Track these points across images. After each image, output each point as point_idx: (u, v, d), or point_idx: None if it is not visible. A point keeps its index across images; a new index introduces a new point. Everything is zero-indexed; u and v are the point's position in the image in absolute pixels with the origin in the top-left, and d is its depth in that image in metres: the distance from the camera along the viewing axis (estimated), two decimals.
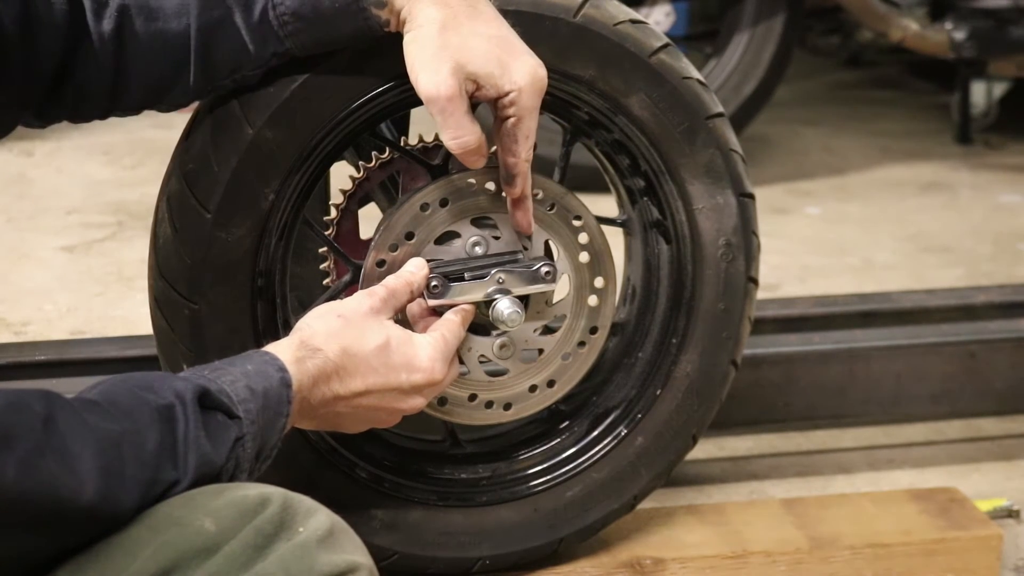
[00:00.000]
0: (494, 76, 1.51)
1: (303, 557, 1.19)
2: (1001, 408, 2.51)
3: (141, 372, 1.34)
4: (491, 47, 1.51)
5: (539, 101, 1.55)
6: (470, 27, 1.51)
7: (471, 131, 1.52)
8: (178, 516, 1.21)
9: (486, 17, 1.53)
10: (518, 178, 1.59)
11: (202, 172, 1.62)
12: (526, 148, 1.56)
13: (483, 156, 1.56)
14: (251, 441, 1.32)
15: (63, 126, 1.62)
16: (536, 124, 1.56)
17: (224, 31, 1.53)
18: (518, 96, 1.52)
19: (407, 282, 1.58)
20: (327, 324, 1.47)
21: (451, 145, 1.53)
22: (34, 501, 1.13)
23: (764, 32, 4.09)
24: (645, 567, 1.90)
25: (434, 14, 1.51)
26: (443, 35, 1.50)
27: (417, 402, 1.53)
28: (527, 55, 1.54)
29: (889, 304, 2.58)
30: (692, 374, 1.84)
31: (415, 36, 1.51)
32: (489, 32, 1.52)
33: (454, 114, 1.51)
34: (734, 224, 1.80)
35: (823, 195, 4.14)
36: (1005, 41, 4.19)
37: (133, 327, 2.89)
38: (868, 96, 5.39)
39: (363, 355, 1.47)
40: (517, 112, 1.53)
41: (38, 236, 3.66)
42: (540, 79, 1.54)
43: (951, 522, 2.01)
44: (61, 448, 1.15)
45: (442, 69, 1.49)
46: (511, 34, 1.55)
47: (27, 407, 1.15)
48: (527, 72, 1.52)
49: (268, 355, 1.40)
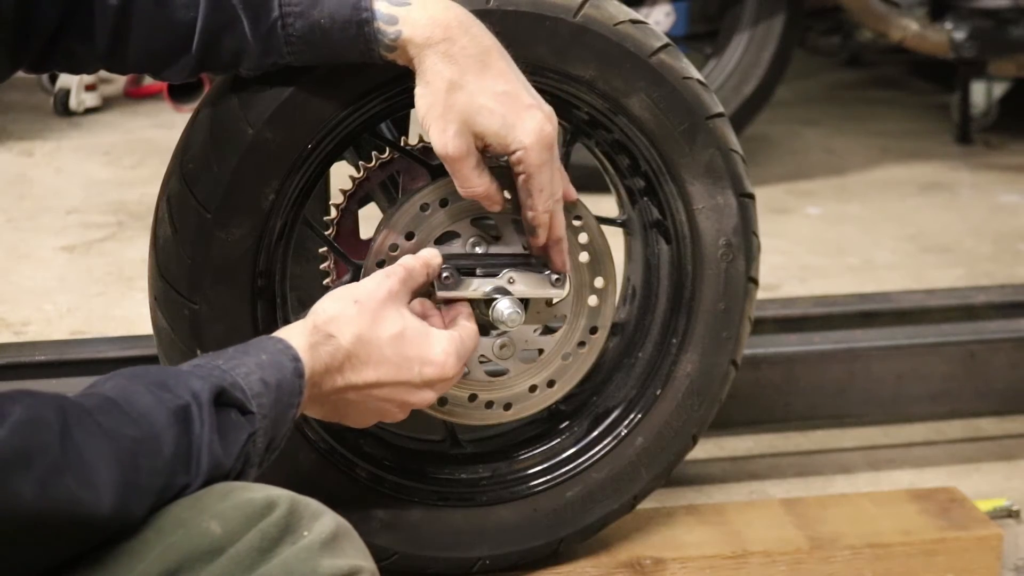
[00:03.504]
0: (499, 136, 1.53)
1: (306, 560, 1.19)
2: (1001, 408, 2.51)
3: (157, 367, 1.34)
4: (497, 106, 1.52)
5: (548, 155, 1.55)
6: (478, 84, 1.52)
7: (479, 183, 1.57)
8: (184, 518, 1.21)
9: (495, 72, 1.53)
10: (539, 229, 1.61)
11: (202, 172, 1.62)
12: (542, 201, 1.57)
13: (497, 202, 1.59)
14: (263, 435, 1.33)
15: (63, 126, 1.63)
16: (550, 176, 1.57)
17: (229, 34, 1.53)
18: (524, 154, 1.54)
19: (425, 262, 1.58)
20: (342, 309, 1.46)
21: (462, 193, 1.58)
22: (52, 519, 1.13)
23: (764, 32, 4.09)
24: (645, 567, 1.90)
25: (443, 70, 1.52)
26: (450, 94, 1.52)
27: (427, 396, 1.53)
28: (534, 110, 1.54)
29: (889, 304, 2.58)
30: (692, 374, 1.84)
31: (424, 92, 1.53)
32: (496, 88, 1.53)
33: (462, 170, 1.55)
34: (734, 224, 1.80)
35: (823, 195, 4.14)
36: (1005, 41, 4.19)
37: (133, 327, 2.89)
38: (868, 96, 5.39)
39: (377, 344, 1.46)
40: (526, 169, 1.55)
41: (38, 236, 3.66)
42: (546, 136, 1.54)
43: (951, 522, 2.01)
44: (78, 463, 1.15)
45: (449, 129, 1.52)
46: (519, 87, 1.55)
47: (44, 422, 1.14)
48: (532, 131, 1.54)
49: (282, 343, 1.39)
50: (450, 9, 1.54)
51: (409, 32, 1.51)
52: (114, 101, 5.07)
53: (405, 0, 1.52)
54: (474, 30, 1.53)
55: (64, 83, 4.85)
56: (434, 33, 1.51)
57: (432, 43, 1.51)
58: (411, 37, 1.51)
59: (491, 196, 1.58)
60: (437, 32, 1.51)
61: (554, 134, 1.56)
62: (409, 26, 1.51)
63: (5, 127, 4.64)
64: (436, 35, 1.51)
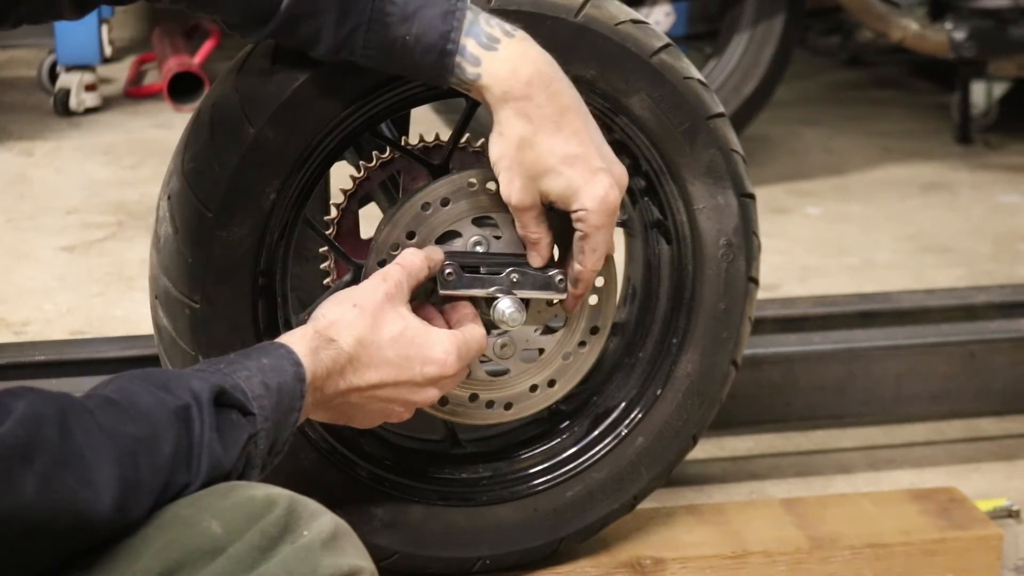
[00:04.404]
0: (563, 197, 1.56)
1: (306, 560, 1.19)
2: (1001, 408, 2.51)
3: (157, 368, 1.34)
4: (565, 168, 1.54)
5: (609, 220, 1.57)
6: (548, 146, 1.53)
7: (535, 233, 1.60)
8: (184, 517, 1.21)
9: (568, 132, 1.54)
10: (580, 283, 1.63)
11: (203, 171, 1.62)
12: (592, 260, 1.60)
13: (544, 256, 1.62)
14: (264, 438, 1.33)
15: (63, 126, 1.63)
16: (606, 238, 1.59)
17: (310, 23, 1.51)
18: (586, 215, 1.56)
19: (427, 256, 1.59)
20: (342, 313, 1.47)
21: (520, 235, 1.62)
22: (53, 516, 1.13)
23: (764, 32, 4.09)
24: (645, 567, 1.90)
25: (516, 125, 1.53)
26: (521, 150, 1.53)
27: (431, 394, 1.53)
28: (602, 175, 1.55)
29: (889, 304, 2.58)
30: (692, 374, 1.84)
31: (497, 141, 1.55)
32: (567, 151, 1.53)
33: (522, 218, 1.59)
34: (735, 224, 1.80)
35: (823, 195, 4.14)
36: (1005, 41, 4.19)
37: (133, 327, 2.89)
38: (868, 96, 5.39)
39: (378, 346, 1.47)
40: (585, 229, 1.57)
41: (38, 236, 3.66)
42: (610, 203, 1.56)
43: (951, 522, 2.01)
44: (79, 460, 1.15)
45: (515, 182, 1.55)
46: (591, 150, 1.55)
47: (45, 418, 1.14)
48: (596, 197, 1.55)
49: (283, 348, 1.40)
50: (535, 62, 1.53)
51: (489, 80, 1.52)
52: (114, 101, 5.08)
53: (493, 43, 1.52)
54: (555, 87, 1.53)
55: (64, 83, 4.85)
56: (513, 88, 1.52)
57: (510, 98, 1.52)
58: (489, 86, 1.52)
59: (542, 247, 1.61)
60: (516, 88, 1.52)
61: (618, 200, 1.57)
62: (490, 75, 1.52)
63: (5, 127, 4.64)
64: (515, 91, 1.52)
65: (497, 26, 1.53)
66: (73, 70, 4.89)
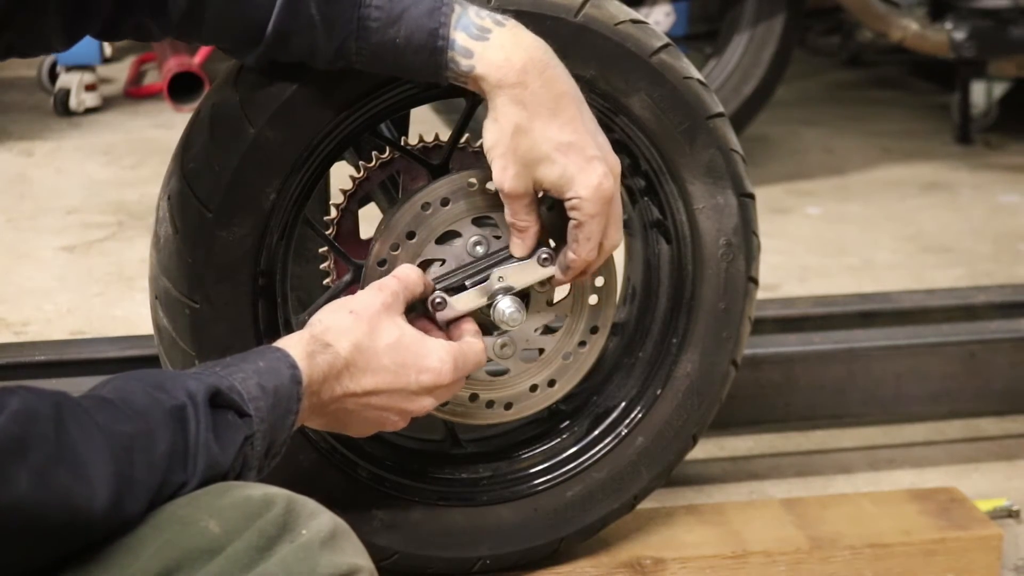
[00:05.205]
0: (557, 185, 1.55)
1: (305, 559, 1.19)
2: (1001, 408, 2.51)
3: (154, 370, 1.34)
4: (559, 156, 1.53)
5: (602, 208, 1.56)
6: (542, 133, 1.52)
7: (525, 221, 1.59)
8: (182, 516, 1.21)
9: (563, 119, 1.53)
10: (570, 271, 1.62)
11: (203, 171, 1.62)
12: (585, 249, 1.58)
13: (530, 246, 1.61)
14: (260, 439, 1.33)
15: (63, 126, 1.63)
16: (600, 227, 1.57)
17: (301, 37, 1.52)
18: (579, 203, 1.55)
19: (421, 274, 1.59)
20: (339, 320, 1.47)
21: (508, 222, 1.60)
22: (47, 511, 1.13)
23: (764, 32, 4.09)
24: (645, 567, 1.90)
25: (511, 113, 1.52)
26: (515, 137, 1.53)
27: (426, 403, 1.53)
28: (596, 163, 1.54)
29: (889, 304, 2.58)
30: (692, 374, 1.84)
31: (492, 127, 1.54)
32: (561, 138, 1.53)
33: (513, 205, 1.58)
34: (734, 224, 1.80)
35: (823, 195, 4.14)
36: (1005, 41, 4.19)
37: (133, 327, 2.89)
38: (868, 96, 5.39)
39: (374, 352, 1.47)
40: (579, 217, 1.56)
41: (38, 236, 3.67)
42: (604, 191, 1.55)
43: (951, 522, 2.01)
44: (73, 456, 1.15)
45: (509, 169, 1.54)
46: (586, 138, 1.55)
47: (39, 413, 1.14)
48: (590, 185, 1.54)
49: (280, 351, 1.40)
50: (528, 49, 1.53)
51: (483, 70, 1.51)
52: (114, 101, 5.08)
53: (484, 33, 1.52)
54: (549, 73, 1.53)
55: (64, 83, 4.86)
56: (507, 76, 1.51)
57: (504, 85, 1.52)
58: (484, 75, 1.52)
59: (528, 235, 1.60)
60: (511, 75, 1.51)
61: (613, 188, 1.56)
62: (484, 64, 1.51)
63: (5, 127, 4.64)
64: (509, 78, 1.51)
65: (488, 16, 1.53)
66: (73, 70, 4.89)
